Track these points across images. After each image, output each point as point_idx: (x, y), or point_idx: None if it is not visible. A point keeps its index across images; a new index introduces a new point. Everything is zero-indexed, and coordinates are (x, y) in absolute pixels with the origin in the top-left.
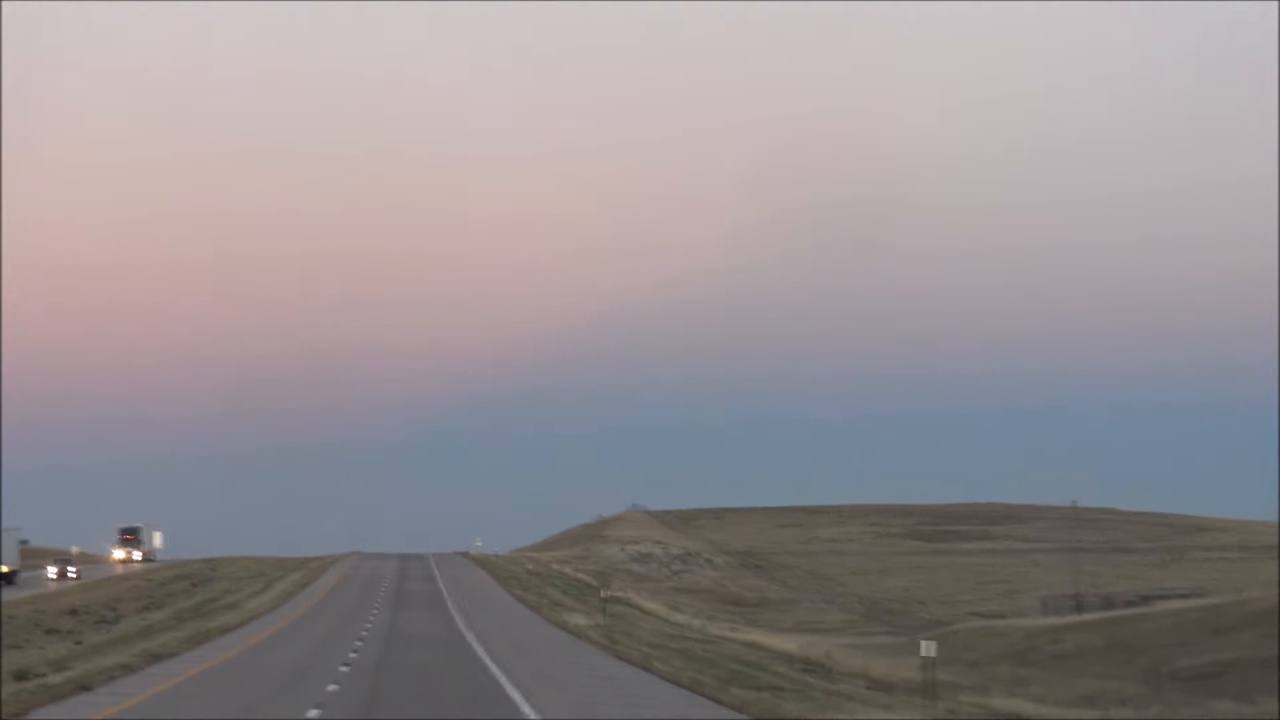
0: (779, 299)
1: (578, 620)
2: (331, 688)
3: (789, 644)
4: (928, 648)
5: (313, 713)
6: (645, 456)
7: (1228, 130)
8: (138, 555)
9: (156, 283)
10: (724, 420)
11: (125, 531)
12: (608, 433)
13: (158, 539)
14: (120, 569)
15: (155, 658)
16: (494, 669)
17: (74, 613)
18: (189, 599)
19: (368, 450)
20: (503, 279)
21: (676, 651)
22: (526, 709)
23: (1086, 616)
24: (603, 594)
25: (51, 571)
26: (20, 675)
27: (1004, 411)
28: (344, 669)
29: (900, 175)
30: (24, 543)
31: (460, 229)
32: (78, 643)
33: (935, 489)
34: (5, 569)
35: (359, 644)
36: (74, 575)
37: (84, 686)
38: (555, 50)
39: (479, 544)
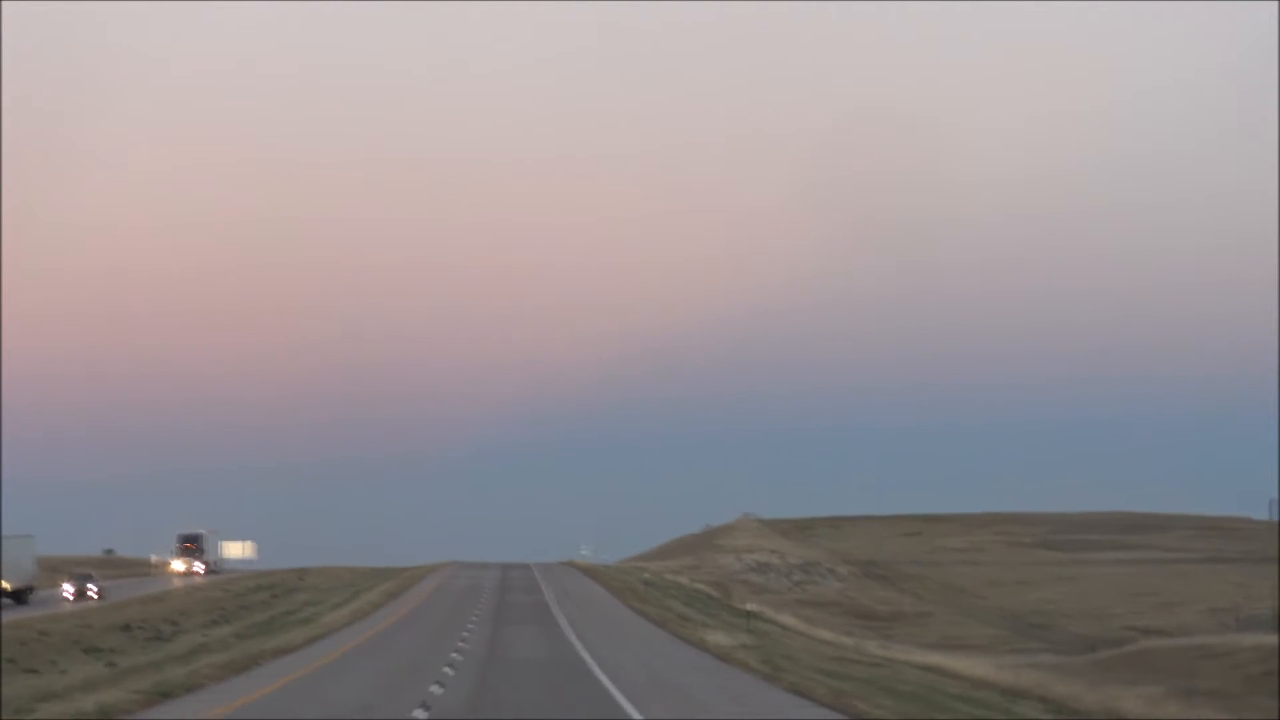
0: (893, 303)
1: (717, 639)
2: None
3: (980, 669)
4: None
5: None
6: (751, 464)
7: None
8: (199, 567)
9: (251, 288)
10: (832, 427)
11: (185, 539)
12: (712, 440)
13: (248, 549)
14: (178, 582)
15: (163, 695)
16: (635, 715)
17: (126, 628)
18: (264, 612)
19: (469, 459)
20: (610, 285)
21: (862, 682)
22: None
23: None
24: (748, 607)
25: (68, 589)
26: None
27: (1128, 417)
28: (420, 714)
29: (987, 183)
30: (109, 552)
31: (548, 236)
32: (110, 665)
33: (1058, 497)
34: (7, 585)
35: (448, 671)
36: (95, 594)
37: None
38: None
39: (585, 553)
